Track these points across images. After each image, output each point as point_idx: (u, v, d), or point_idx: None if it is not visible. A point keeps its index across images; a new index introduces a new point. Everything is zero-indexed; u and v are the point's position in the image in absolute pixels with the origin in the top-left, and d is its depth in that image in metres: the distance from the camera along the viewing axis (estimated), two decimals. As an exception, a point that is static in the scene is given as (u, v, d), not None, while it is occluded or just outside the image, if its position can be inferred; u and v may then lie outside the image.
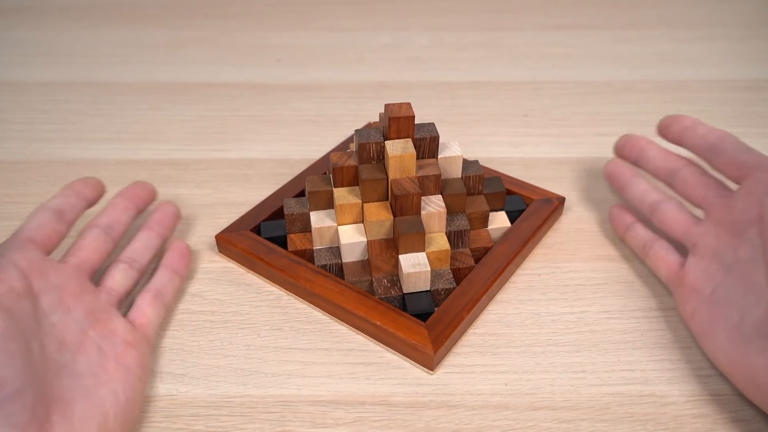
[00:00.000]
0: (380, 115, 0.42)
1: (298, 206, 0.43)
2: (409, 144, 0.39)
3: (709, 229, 0.40)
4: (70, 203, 0.39)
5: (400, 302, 0.39)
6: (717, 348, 0.35)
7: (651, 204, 0.43)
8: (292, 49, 0.71)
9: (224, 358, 0.38)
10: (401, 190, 0.39)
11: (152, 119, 0.60)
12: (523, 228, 0.44)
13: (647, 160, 0.45)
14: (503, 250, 0.42)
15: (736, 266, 0.36)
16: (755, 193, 0.37)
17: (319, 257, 0.41)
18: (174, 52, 0.70)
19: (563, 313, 0.41)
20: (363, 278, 0.40)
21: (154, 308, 0.39)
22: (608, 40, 0.72)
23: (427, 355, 0.36)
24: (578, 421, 0.35)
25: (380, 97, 0.62)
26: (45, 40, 0.73)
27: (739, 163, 0.39)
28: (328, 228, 0.41)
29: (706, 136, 0.42)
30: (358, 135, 0.40)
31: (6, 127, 0.59)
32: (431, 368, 0.37)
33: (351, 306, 0.38)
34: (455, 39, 0.73)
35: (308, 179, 0.42)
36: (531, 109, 0.61)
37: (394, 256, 0.39)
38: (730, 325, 0.34)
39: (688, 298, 0.38)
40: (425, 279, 0.39)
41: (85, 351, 0.34)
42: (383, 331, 0.37)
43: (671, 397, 0.36)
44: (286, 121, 0.59)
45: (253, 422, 0.35)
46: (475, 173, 0.43)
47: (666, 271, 0.41)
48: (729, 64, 0.67)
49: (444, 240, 0.40)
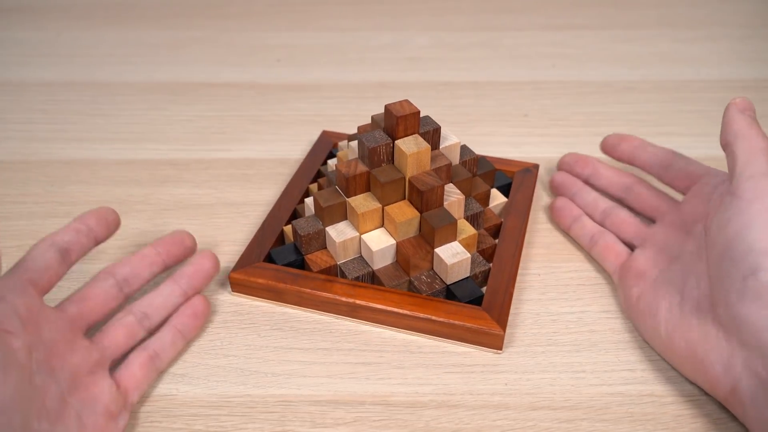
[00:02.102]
0: (373, 118, 0.42)
1: (310, 225, 0.41)
2: (419, 139, 0.40)
3: (659, 229, 0.42)
4: (79, 243, 0.36)
5: (444, 294, 0.40)
6: (658, 325, 0.37)
7: (605, 209, 0.45)
8: (292, 49, 0.71)
9: (224, 358, 0.38)
10: (425, 185, 0.39)
11: (152, 119, 0.60)
12: (520, 199, 0.47)
13: (600, 176, 0.48)
14: (514, 224, 0.45)
15: (682, 257, 0.38)
16: (701, 194, 0.40)
17: (349, 270, 0.41)
18: (174, 52, 0.70)
19: (563, 313, 0.41)
20: (401, 280, 0.40)
21: (145, 372, 0.35)
22: (608, 40, 0.72)
23: (497, 336, 0.37)
24: (578, 421, 0.35)
25: (380, 97, 0.62)
26: (45, 40, 0.73)
27: (688, 172, 0.42)
28: (351, 239, 0.40)
29: (656, 153, 0.45)
30: (365, 140, 0.40)
31: (6, 127, 0.59)
32: (500, 348, 0.38)
33: (405, 309, 0.38)
34: (455, 39, 0.73)
35: (316, 195, 0.41)
36: (531, 109, 0.61)
37: (430, 251, 0.40)
38: (671, 304, 0.36)
39: (634, 282, 0.39)
40: (466, 266, 0.40)
41: (63, 422, 0.31)
42: (445, 324, 0.38)
43: (671, 397, 0.36)
44: (286, 121, 0.59)
45: (253, 422, 0.35)
46: (471, 157, 0.44)
47: (614, 260, 0.42)
48: (729, 64, 0.67)
49: (468, 225, 0.42)
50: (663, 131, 0.57)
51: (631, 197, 0.46)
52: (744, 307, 0.31)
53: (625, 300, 0.40)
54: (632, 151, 0.46)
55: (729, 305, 0.32)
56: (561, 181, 0.49)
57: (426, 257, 0.40)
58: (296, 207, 0.46)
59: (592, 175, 0.48)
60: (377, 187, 0.40)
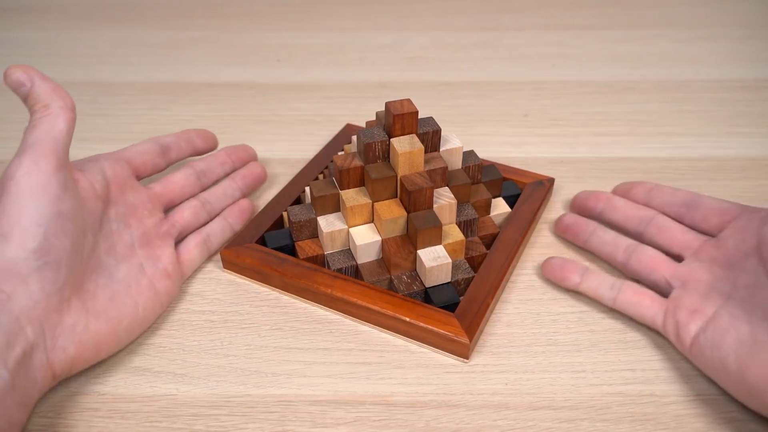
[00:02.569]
0: (377, 114, 0.42)
1: (303, 213, 0.42)
2: (414, 139, 0.39)
3: (698, 266, 0.39)
4: (178, 145, 0.44)
5: (422, 297, 0.40)
6: (726, 357, 0.34)
7: (627, 247, 0.42)
8: (292, 49, 0.71)
9: (224, 357, 0.38)
10: (414, 185, 0.39)
11: (152, 119, 0.60)
12: (524, 211, 0.45)
13: (614, 209, 0.44)
14: (511, 235, 0.43)
15: (737, 292, 0.36)
16: (749, 228, 0.38)
17: (333, 261, 0.41)
18: (174, 52, 0.70)
19: (563, 312, 0.41)
20: (382, 277, 0.40)
21: (199, 250, 0.43)
22: (608, 40, 0.72)
23: (463, 345, 0.37)
24: (578, 421, 0.35)
25: (380, 97, 0.62)
26: (45, 40, 0.73)
27: (722, 210, 0.40)
28: (339, 231, 0.41)
29: (675, 194, 0.43)
30: (363, 135, 0.40)
31: (6, 127, 0.59)
32: (466, 357, 0.38)
33: (378, 305, 0.38)
34: (455, 39, 0.73)
35: (312, 185, 0.42)
36: (531, 109, 0.61)
37: (412, 251, 0.39)
38: (741, 336, 0.33)
39: (689, 319, 0.36)
40: (446, 271, 0.39)
41: (128, 263, 0.38)
42: (414, 326, 0.38)
43: (671, 397, 0.36)
44: (286, 121, 0.59)
45: (253, 422, 0.35)
46: (474, 163, 0.44)
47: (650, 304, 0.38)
48: (729, 64, 0.67)
49: (457, 231, 0.41)
50: (663, 131, 0.57)
51: (651, 231, 0.42)
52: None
53: (681, 339, 0.37)
54: (648, 193, 0.44)
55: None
56: (571, 222, 0.45)
57: (408, 257, 0.40)
58: (300, 194, 0.47)
59: (606, 209, 0.45)
60: (369, 182, 0.40)
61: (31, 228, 0.32)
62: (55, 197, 0.33)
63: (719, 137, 0.56)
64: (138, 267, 0.38)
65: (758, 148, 0.55)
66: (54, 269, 0.32)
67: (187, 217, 0.43)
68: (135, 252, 0.39)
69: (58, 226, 0.33)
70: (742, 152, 0.54)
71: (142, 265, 0.39)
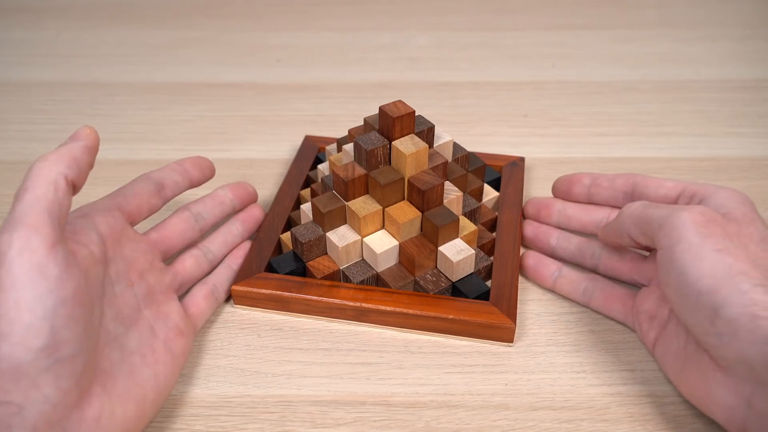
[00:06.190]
0: (365, 120, 0.42)
1: (310, 232, 0.41)
2: (416, 139, 0.40)
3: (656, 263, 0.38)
4: (173, 180, 0.40)
5: (450, 292, 0.40)
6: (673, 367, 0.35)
7: (593, 253, 0.42)
8: (292, 49, 0.71)
9: (224, 358, 0.38)
10: (425, 184, 0.39)
11: (152, 119, 0.60)
12: (511, 192, 0.47)
13: (569, 219, 0.44)
14: (509, 217, 0.45)
15: None
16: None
17: (352, 274, 0.40)
18: (174, 52, 0.70)
19: (563, 313, 0.41)
20: (407, 281, 0.40)
21: (208, 302, 0.40)
22: (608, 40, 0.72)
23: (508, 330, 0.38)
24: (578, 421, 0.35)
25: (380, 97, 0.62)
26: (45, 40, 0.73)
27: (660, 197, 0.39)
28: (353, 243, 0.40)
29: (614, 186, 0.42)
30: (362, 143, 0.40)
31: (6, 127, 0.59)
32: (512, 341, 0.38)
33: (416, 309, 0.38)
34: (455, 39, 0.73)
35: (315, 201, 0.41)
36: (531, 109, 0.61)
37: (433, 249, 0.40)
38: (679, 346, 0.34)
39: (648, 326, 0.37)
40: (471, 262, 0.40)
41: (138, 328, 0.34)
42: (457, 322, 0.38)
43: (671, 397, 0.36)
44: (286, 121, 0.59)
45: (253, 422, 0.35)
46: (462, 154, 0.45)
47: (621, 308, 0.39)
48: (729, 64, 0.67)
49: (468, 222, 0.42)
50: (663, 131, 0.57)
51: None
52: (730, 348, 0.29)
53: (646, 346, 0.37)
54: (588, 191, 0.43)
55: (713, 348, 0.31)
56: (533, 234, 0.44)
57: (430, 256, 0.40)
58: (290, 215, 0.45)
59: (560, 220, 0.44)
60: (377, 189, 0.40)
61: (35, 323, 0.27)
62: (55, 282, 0.28)
63: (719, 137, 0.56)
64: (148, 330, 0.35)
65: (758, 148, 0.55)
66: (68, 364, 0.28)
67: (189, 267, 0.40)
68: (142, 314, 0.35)
69: (65, 315, 0.28)
70: (742, 152, 0.54)
71: (152, 327, 0.35)
